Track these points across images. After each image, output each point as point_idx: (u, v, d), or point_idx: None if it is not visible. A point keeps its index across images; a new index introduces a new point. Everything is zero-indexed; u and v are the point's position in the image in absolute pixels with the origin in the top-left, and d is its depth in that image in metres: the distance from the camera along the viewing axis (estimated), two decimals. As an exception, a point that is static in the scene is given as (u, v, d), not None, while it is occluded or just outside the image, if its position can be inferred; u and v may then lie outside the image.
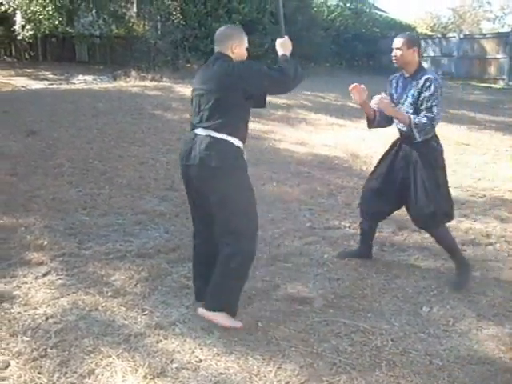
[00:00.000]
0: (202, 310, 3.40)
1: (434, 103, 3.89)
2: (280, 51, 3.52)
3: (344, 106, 12.31)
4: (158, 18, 18.82)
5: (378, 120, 4.27)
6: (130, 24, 20.05)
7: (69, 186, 6.19)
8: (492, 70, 20.91)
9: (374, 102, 3.98)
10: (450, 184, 6.81)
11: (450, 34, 24.81)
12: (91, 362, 3.01)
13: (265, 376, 2.96)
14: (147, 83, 14.20)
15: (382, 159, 4.39)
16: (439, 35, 25.68)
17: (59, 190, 5.99)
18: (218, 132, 3.20)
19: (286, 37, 3.58)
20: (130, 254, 4.48)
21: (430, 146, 4.06)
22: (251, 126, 3.58)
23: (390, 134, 4.55)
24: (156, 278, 4.07)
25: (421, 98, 3.91)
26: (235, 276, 3.34)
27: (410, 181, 4.03)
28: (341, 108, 12.09)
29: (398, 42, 4.00)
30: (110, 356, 3.07)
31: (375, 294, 3.96)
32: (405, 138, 4.11)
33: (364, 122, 4.54)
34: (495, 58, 20.73)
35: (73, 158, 7.31)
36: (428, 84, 3.88)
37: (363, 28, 25.51)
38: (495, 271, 4.42)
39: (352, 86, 4.06)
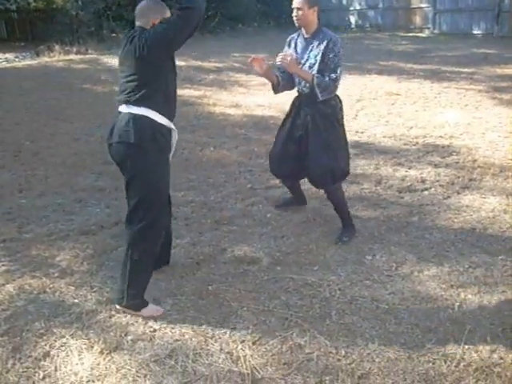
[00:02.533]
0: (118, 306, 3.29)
1: (338, 64, 3.92)
2: None
3: (275, 65, 12.29)
4: (78, -13, 18.13)
5: (283, 84, 4.26)
6: (49, -5, 19.27)
7: (1, 169, 6.00)
8: (417, 19, 21.23)
9: (278, 60, 3.93)
10: (383, 134, 7.01)
11: (374, -14, 24.99)
12: (45, 345, 2.99)
13: (220, 338, 3.02)
14: (72, 57, 13.76)
15: (283, 122, 4.40)
16: (364, -12, 25.81)
17: (-8, 175, 5.80)
18: (136, 107, 3.10)
19: None
20: (72, 232, 4.41)
21: (330, 105, 4.06)
22: (184, 92, 3.55)
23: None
24: (102, 253, 4.04)
25: (325, 60, 3.91)
26: (139, 266, 3.20)
27: (310, 140, 4.06)
28: (272, 68, 12.07)
29: (298, 2, 3.90)
30: (63, 336, 3.06)
31: (320, 248, 4.07)
32: (305, 98, 4.13)
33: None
34: (420, 8, 21.05)
35: (2, 140, 7.07)
36: (332, 45, 3.90)
37: (288, -15, 25.34)
38: (432, 215, 4.60)
39: (251, 58, 4.04)
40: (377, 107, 8.59)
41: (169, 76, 3.21)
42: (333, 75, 3.92)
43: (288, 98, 4.45)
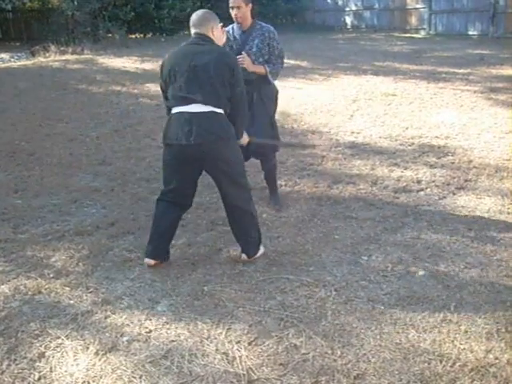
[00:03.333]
0: (244, 257, 3.83)
1: (281, 50, 4.59)
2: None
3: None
4: (73, -13, 18.09)
5: None
6: (44, -4, 19.24)
7: (-4, 170, 5.99)
8: (413, 20, 21.27)
9: (240, 61, 4.19)
10: (379, 135, 7.03)
11: (370, -13, 25.01)
12: (40, 346, 2.98)
13: (215, 338, 3.02)
14: (68, 57, 13.74)
15: None
16: (359, -12, 25.84)
17: (-13, 175, 5.78)
18: (217, 107, 3.50)
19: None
20: (68, 233, 4.40)
21: (270, 86, 4.66)
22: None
23: (320, 91, 4.60)
24: (97, 254, 4.03)
25: (270, 48, 4.51)
26: (254, 216, 3.84)
27: (256, 115, 4.48)
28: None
29: (234, 1, 4.38)
30: (58, 337, 3.05)
31: (316, 248, 4.07)
32: (249, 82, 4.35)
33: (292, 80, 4.63)
34: (415, 9, 21.09)
35: (-3, 140, 7.05)
36: (272, 35, 4.51)
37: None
38: (427, 215, 4.61)
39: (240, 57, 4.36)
40: (373, 108, 8.60)
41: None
42: (279, 60, 4.61)
43: (285, 97, 4.46)
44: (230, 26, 4.58)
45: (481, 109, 8.31)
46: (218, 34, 3.72)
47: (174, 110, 3.57)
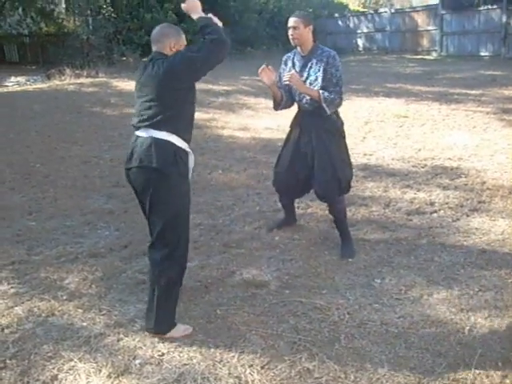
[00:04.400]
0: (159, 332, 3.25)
1: (340, 78, 4.10)
2: (193, 15, 3.29)
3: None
4: (89, 12, 18.44)
5: (285, 101, 4.37)
6: (60, 20, 19.60)
7: (11, 192, 6.05)
8: (424, 41, 21.39)
9: (286, 79, 4.06)
10: (391, 156, 7.03)
11: (382, 10, 25.22)
12: (53, 368, 2.98)
13: (228, 362, 3.01)
14: (83, 80, 13.93)
15: (286, 140, 4.53)
16: (371, 11, 26.06)
17: (2, 197, 5.85)
18: (158, 131, 3.10)
19: None
20: (81, 255, 4.43)
21: (331, 119, 4.21)
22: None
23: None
24: (110, 276, 4.04)
25: (328, 75, 4.07)
26: (167, 293, 3.19)
27: (317, 154, 4.19)
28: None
29: (293, 21, 4.06)
30: (71, 360, 3.05)
31: (328, 271, 4.05)
32: (307, 115, 4.28)
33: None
34: (426, 30, 21.21)
35: (13, 162, 7.14)
36: (332, 61, 4.07)
37: (296, 9, 25.55)
38: (441, 237, 4.58)
39: (261, 68, 4.14)
40: (385, 130, 8.62)
41: (190, 101, 3.25)
42: (337, 89, 4.09)
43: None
44: (292, 52, 4.34)
45: (493, 130, 8.29)
46: (180, 49, 3.23)
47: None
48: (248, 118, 9.99)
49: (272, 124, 9.20)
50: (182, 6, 3.35)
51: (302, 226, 4.91)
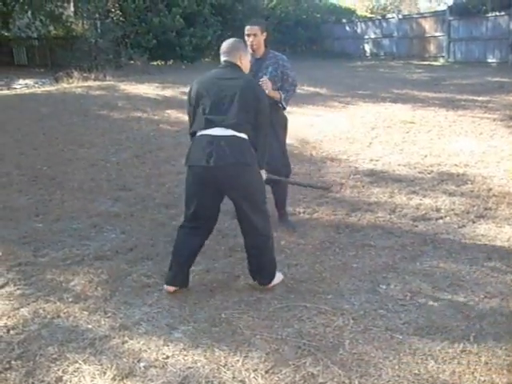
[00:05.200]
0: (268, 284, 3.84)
1: (294, 77, 4.72)
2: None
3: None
4: (97, 16, 18.54)
5: None
6: (69, 24, 19.70)
7: (18, 193, 6.08)
8: (431, 47, 21.39)
9: (262, 85, 4.35)
10: (397, 162, 7.03)
11: (389, 15, 25.23)
12: (58, 370, 2.99)
13: (232, 366, 3.01)
14: (91, 83, 13.98)
15: None
16: (379, 17, 26.09)
17: (9, 199, 5.88)
18: (240, 132, 3.54)
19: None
20: (87, 257, 4.44)
21: (281, 114, 4.78)
22: (199, 120, 3.60)
23: (339, 119, 4.63)
24: (116, 279, 4.06)
25: (284, 76, 4.65)
26: (272, 249, 3.82)
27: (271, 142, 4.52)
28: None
29: (252, 29, 4.54)
30: (76, 361, 3.06)
31: (333, 276, 4.05)
32: None
33: (311, 107, 4.68)
34: (434, 37, 21.21)
35: (20, 164, 7.17)
36: (285, 63, 4.69)
37: (304, 14, 25.75)
38: (447, 243, 4.57)
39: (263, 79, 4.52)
40: (391, 135, 8.61)
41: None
42: (293, 87, 4.75)
43: (305, 125, 4.49)
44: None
45: (500, 136, 8.28)
46: (246, 63, 3.83)
47: (198, 133, 3.62)
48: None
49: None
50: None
51: (307, 231, 4.91)
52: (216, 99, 3.58)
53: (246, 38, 4.53)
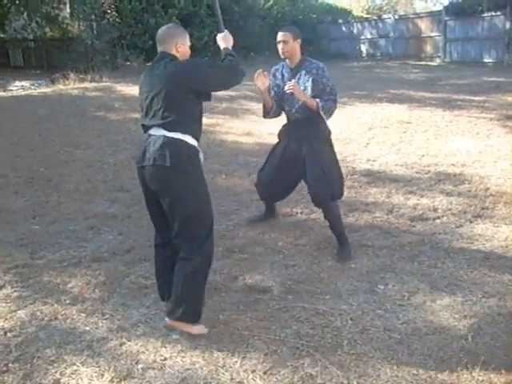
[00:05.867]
0: (168, 321, 3.34)
1: (333, 87, 4.27)
2: (222, 45, 3.55)
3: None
4: (93, 17, 18.51)
5: (274, 110, 4.53)
6: (65, 25, 19.68)
7: (15, 195, 6.07)
8: (428, 48, 21.43)
9: (288, 87, 4.12)
10: (394, 162, 7.02)
11: (386, 16, 25.27)
12: (55, 372, 2.99)
13: (231, 367, 3.01)
14: (87, 85, 13.97)
15: (274, 148, 4.71)
16: (375, 17, 26.11)
17: (5, 201, 5.86)
18: (171, 131, 3.16)
19: (226, 30, 3.60)
20: (84, 259, 4.43)
21: (320, 128, 4.36)
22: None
23: (335, 119, 4.63)
24: (113, 280, 4.05)
25: (320, 85, 4.23)
26: (193, 281, 3.25)
27: (306, 161, 4.30)
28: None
29: (283, 35, 4.20)
30: (74, 364, 3.05)
31: (331, 276, 4.05)
32: (296, 123, 4.43)
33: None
34: (430, 37, 21.24)
35: (17, 166, 7.16)
36: (321, 72, 4.25)
37: (300, 15, 25.74)
38: (444, 244, 4.58)
39: (257, 73, 4.24)
40: (388, 135, 8.62)
41: (199, 103, 3.35)
42: (332, 97, 4.26)
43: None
44: (280, 65, 4.49)
45: (497, 136, 8.29)
46: (184, 50, 3.35)
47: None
48: (252, 123, 10.00)
49: (276, 130, 9.18)
50: (218, 36, 3.61)
51: (305, 232, 4.91)
52: (148, 96, 3.26)
53: (278, 45, 4.24)
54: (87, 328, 3.42)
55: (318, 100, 4.18)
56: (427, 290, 3.82)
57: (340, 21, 25.93)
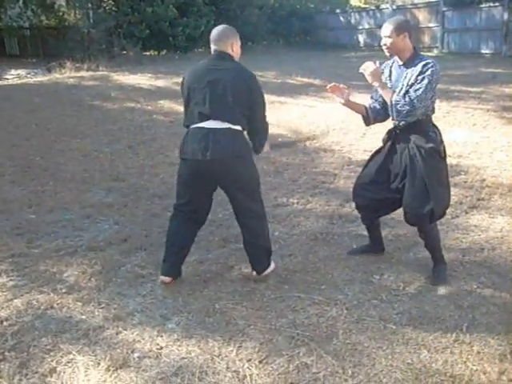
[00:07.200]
0: (254, 273, 3.84)
1: (421, 86, 3.53)
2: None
3: (284, 83, 12.37)
4: (89, 5, 18.38)
5: (374, 116, 4.02)
6: (61, 13, 19.53)
7: (11, 184, 6.05)
8: (426, 38, 21.34)
9: (362, 68, 3.75)
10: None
11: (383, 6, 25.13)
12: (52, 361, 2.99)
13: (226, 356, 3.02)
14: (83, 73, 13.89)
15: (373, 155, 4.12)
16: (373, 7, 25.98)
17: (1, 190, 5.85)
18: (235, 125, 3.52)
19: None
20: (80, 248, 4.43)
21: (429, 137, 3.70)
22: (193, 110, 3.58)
23: (332, 109, 4.61)
24: (109, 269, 4.05)
25: (413, 82, 3.59)
26: (266, 235, 3.81)
27: (409, 176, 3.72)
28: (281, 86, 12.15)
29: (386, 29, 3.63)
30: (70, 352, 3.06)
31: (327, 266, 4.06)
32: (400, 131, 3.81)
33: (305, 98, 4.59)
34: (428, 27, 21.16)
35: (13, 156, 7.14)
36: (424, 69, 3.56)
37: (298, 4, 25.62)
38: (440, 234, 4.56)
39: (329, 86, 3.85)
40: (385, 126, 8.57)
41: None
42: (412, 95, 3.54)
43: (298, 115, 4.46)
44: (391, 60, 3.86)
45: (493, 127, 8.30)
46: (237, 51, 3.68)
47: (192, 126, 3.59)
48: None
49: (272, 119, 9.14)
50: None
51: (301, 222, 4.91)
52: (207, 91, 3.50)
53: (381, 40, 3.71)
54: (83, 317, 3.42)
55: (396, 95, 3.61)
56: (422, 280, 3.84)
57: (338, 11, 25.78)
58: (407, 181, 3.72)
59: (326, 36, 25.23)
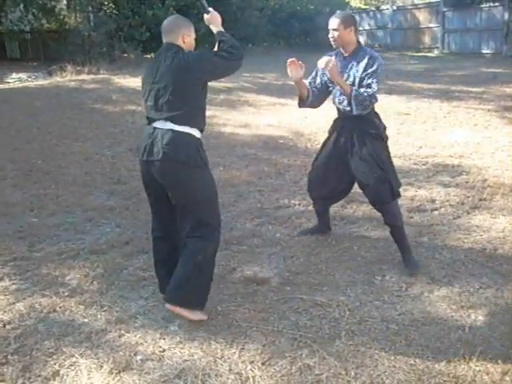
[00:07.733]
0: (168, 306, 3.36)
1: (374, 80, 3.81)
2: (213, 28, 3.42)
3: (284, 85, 12.36)
4: (90, 9, 18.41)
5: (311, 100, 4.19)
6: (61, 17, 19.57)
7: (13, 188, 6.06)
8: (426, 39, 21.36)
9: (322, 62, 3.84)
10: (392, 154, 7.00)
11: (384, 7, 25.16)
12: (54, 364, 2.99)
13: (229, 358, 3.02)
14: (84, 77, 13.91)
15: (323, 144, 4.34)
16: (373, 8, 26.01)
17: (3, 194, 5.85)
18: (179, 125, 3.19)
19: (211, 9, 3.45)
20: (83, 251, 4.43)
21: (374, 124, 4.01)
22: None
23: (333, 110, 4.62)
24: (112, 273, 4.05)
25: (363, 75, 3.84)
26: (204, 268, 3.33)
27: (360, 157, 3.94)
28: (281, 87, 12.15)
29: (333, 22, 3.89)
30: (73, 355, 3.06)
31: (329, 268, 4.06)
32: (345, 118, 4.05)
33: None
34: (428, 28, 21.17)
35: (14, 159, 7.14)
36: (372, 62, 3.83)
37: (298, 6, 25.65)
38: (442, 235, 4.59)
39: (290, 60, 3.94)
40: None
41: (204, 95, 3.35)
42: (369, 90, 3.80)
43: (299, 117, 4.46)
44: (334, 52, 4.10)
45: (495, 127, 8.29)
46: (190, 42, 3.35)
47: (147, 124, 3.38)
48: (249, 114, 9.98)
49: (273, 121, 9.21)
50: (205, 17, 3.46)
51: (303, 223, 4.91)
52: (153, 88, 3.24)
53: (329, 33, 3.94)
54: (86, 320, 3.43)
55: (353, 87, 3.81)
56: (425, 281, 3.83)
57: (338, 12, 25.82)
58: (360, 163, 3.95)
59: (326, 37, 25.24)
